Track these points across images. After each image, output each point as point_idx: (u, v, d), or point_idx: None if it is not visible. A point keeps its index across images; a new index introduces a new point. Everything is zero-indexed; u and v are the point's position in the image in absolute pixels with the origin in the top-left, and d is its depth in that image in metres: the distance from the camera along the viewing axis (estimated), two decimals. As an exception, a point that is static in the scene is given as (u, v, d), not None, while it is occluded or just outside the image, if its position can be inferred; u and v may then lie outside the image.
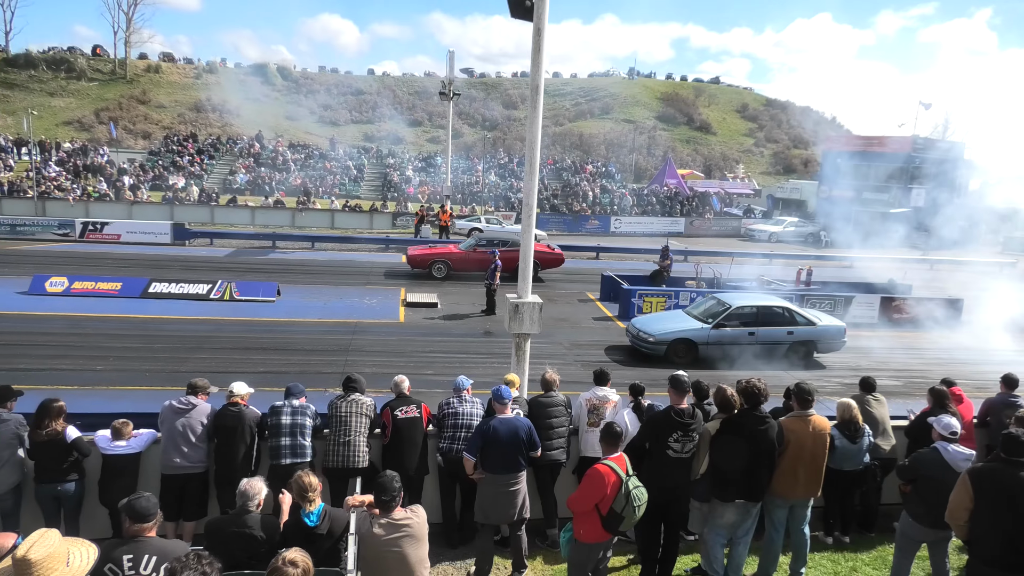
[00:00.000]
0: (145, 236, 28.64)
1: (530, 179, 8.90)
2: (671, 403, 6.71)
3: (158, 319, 17.04)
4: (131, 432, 6.88)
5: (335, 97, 78.91)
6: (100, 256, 25.02)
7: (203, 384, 7.22)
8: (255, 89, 76.84)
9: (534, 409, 7.61)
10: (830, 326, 16.22)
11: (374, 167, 50.95)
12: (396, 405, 7.43)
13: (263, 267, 24.63)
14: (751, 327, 15.57)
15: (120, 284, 19.30)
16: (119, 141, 54.24)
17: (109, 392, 12.07)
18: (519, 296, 9.04)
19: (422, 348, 15.66)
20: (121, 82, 71.13)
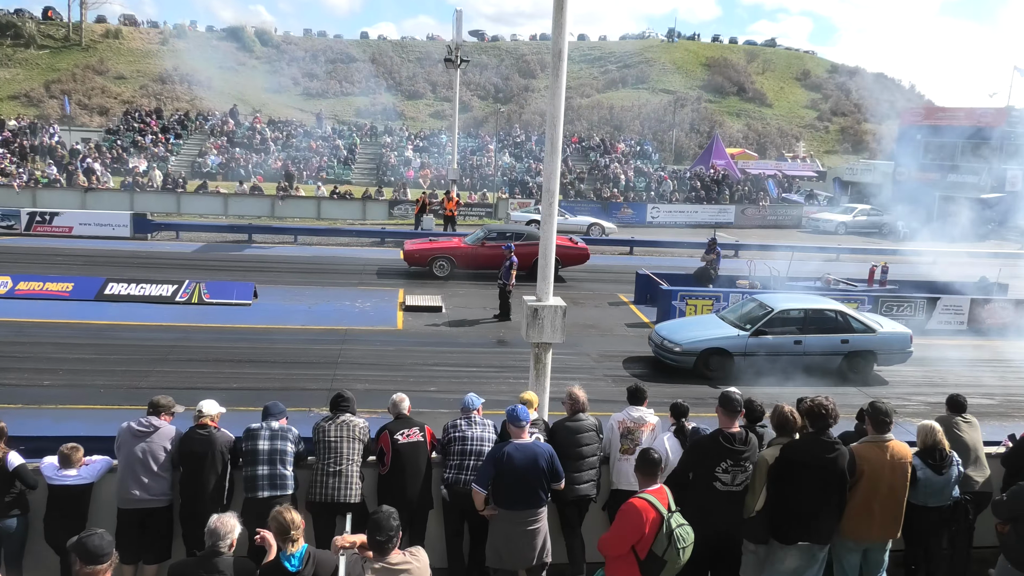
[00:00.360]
0: (101, 228, 28.88)
1: (551, 160, 8.84)
2: (720, 425, 6.64)
3: (115, 326, 17.13)
4: (82, 459, 6.89)
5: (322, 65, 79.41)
6: (49, 252, 25.25)
7: (167, 403, 7.23)
8: (229, 57, 77.48)
9: (558, 434, 7.56)
10: (893, 333, 16.04)
11: (367, 147, 51.14)
12: (396, 428, 7.41)
13: (238, 265, 24.75)
14: (797, 334, 15.45)
15: (71, 285, 19.44)
16: (72, 118, 54.83)
17: (58, 411, 12.15)
18: (539, 298, 8.99)
19: (424, 360, 15.65)
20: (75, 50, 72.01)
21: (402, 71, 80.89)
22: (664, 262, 27.77)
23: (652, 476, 5.98)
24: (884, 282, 22.21)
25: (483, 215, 38.07)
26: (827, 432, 6.39)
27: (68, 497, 6.78)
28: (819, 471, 6.31)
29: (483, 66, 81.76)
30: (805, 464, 6.33)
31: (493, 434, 7.47)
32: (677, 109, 72.19)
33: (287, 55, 79.93)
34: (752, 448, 6.58)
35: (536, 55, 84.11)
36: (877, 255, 28.58)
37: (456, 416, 7.61)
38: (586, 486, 7.54)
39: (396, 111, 73.37)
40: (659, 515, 5.72)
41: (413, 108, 76.04)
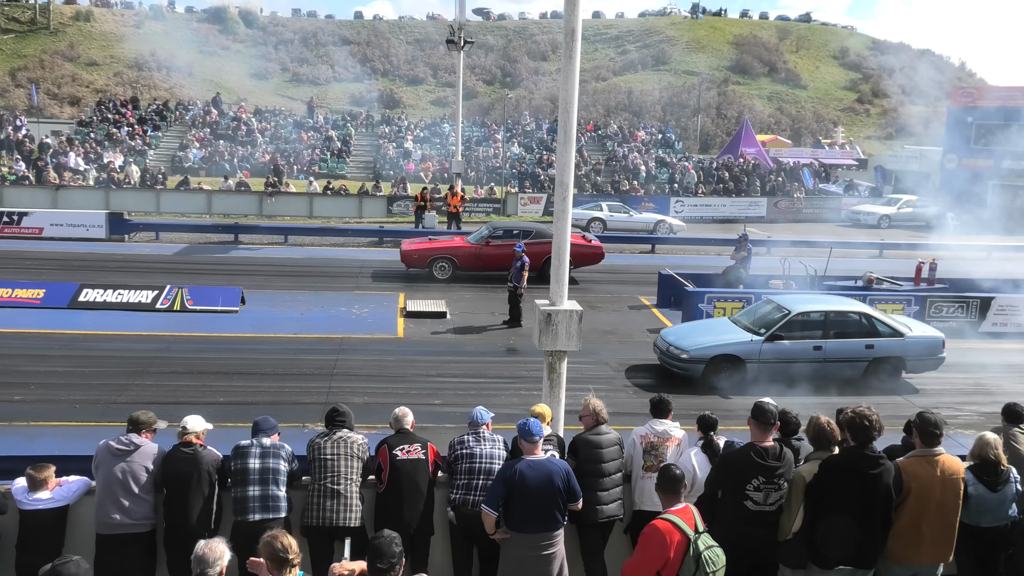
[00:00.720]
0: (74, 229, 29.07)
1: (565, 150, 8.88)
2: (752, 439, 6.65)
3: (91, 335, 17.27)
4: (53, 478, 6.94)
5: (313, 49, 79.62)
6: (17, 255, 25.43)
7: (148, 419, 7.27)
8: (211, 40, 77.85)
9: (580, 450, 7.57)
10: (923, 337, 16.03)
11: (363, 138, 51.28)
12: (396, 443, 7.45)
13: (223, 268, 24.90)
14: (818, 339, 15.45)
15: (43, 291, 19.59)
16: (40, 108, 55.20)
17: (30, 429, 12.27)
18: (552, 302, 9.03)
19: (427, 371, 15.72)
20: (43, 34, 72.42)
21: (400, 54, 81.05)
22: (690, 261, 27.76)
23: (675, 494, 5.98)
24: (933, 280, 22.14)
25: (490, 211, 38.15)
26: (870, 446, 6.39)
27: (41, 522, 6.81)
28: (862, 488, 6.31)
29: (488, 48, 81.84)
30: (846, 481, 6.33)
31: (504, 451, 7.50)
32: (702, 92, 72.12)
33: (274, 38, 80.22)
34: (787, 464, 6.58)
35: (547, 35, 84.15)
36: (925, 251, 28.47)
37: (463, 431, 7.64)
38: (612, 506, 7.55)
39: (394, 98, 73.53)
40: (685, 537, 5.74)
41: (413, 95, 76.20)
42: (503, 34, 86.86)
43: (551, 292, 9.07)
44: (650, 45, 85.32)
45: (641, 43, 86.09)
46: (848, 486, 6.33)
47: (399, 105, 70.75)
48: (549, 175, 42.26)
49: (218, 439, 7.57)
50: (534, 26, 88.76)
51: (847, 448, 6.50)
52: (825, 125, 73.99)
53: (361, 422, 7.96)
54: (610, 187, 43.43)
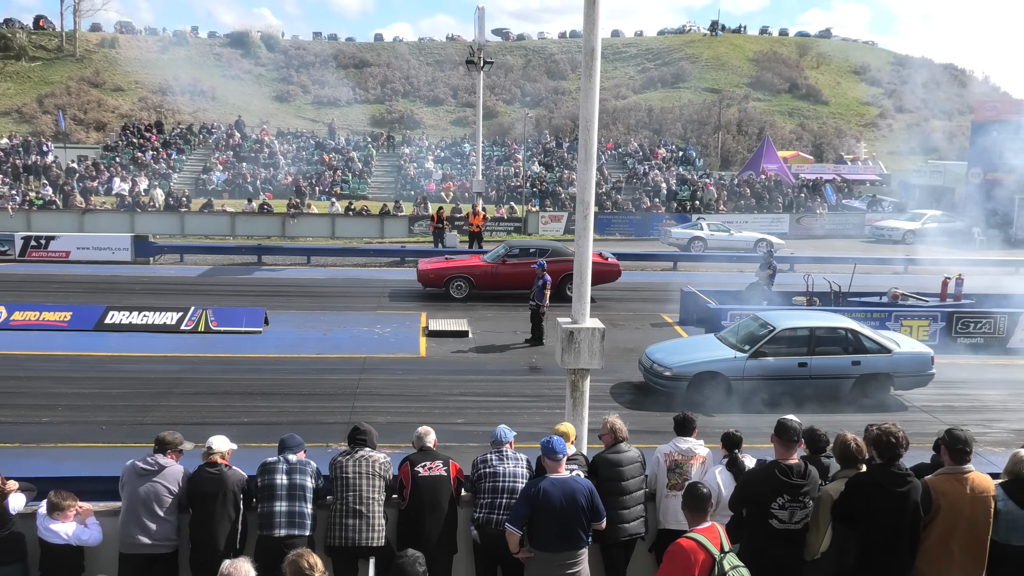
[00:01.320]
0: (100, 253, 29.42)
1: (586, 168, 8.91)
2: (776, 456, 6.61)
3: (116, 357, 17.43)
4: (74, 509, 6.87)
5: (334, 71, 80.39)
6: (45, 279, 25.79)
7: (174, 440, 7.31)
8: (234, 64, 78.83)
9: (600, 468, 7.57)
10: (911, 353, 15.86)
11: (384, 159, 51.65)
12: (418, 460, 7.46)
13: (246, 289, 25.08)
14: (803, 356, 15.29)
15: (70, 314, 19.81)
16: (67, 134, 56.05)
17: (57, 450, 12.37)
18: (574, 320, 9.03)
19: (450, 390, 15.73)
20: (69, 61, 73.67)
21: (420, 75, 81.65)
22: (712, 278, 27.64)
23: (701, 513, 5.94)
24: (959, 296, 21.92)
25: (511, 230, 38.23)
26: (897, 463, 6.33)
27: (58, 553, 6.83)
28: (889, 506, 6.24)
29: (508, 68, 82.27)
30: (873, 499, 6.27)
31: (527, 469, 7.49)
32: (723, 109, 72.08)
33: (296, 61, 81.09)
34: (812, 482, 6.53)
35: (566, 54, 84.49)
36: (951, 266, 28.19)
37: (486, 450, 7.65)
38: (634, 524, 7.53)
39: (415, 119, 74.03)
40: (710, 556, 5.69)
41: (433, 115, 76.67)
42: (522, 54, 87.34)
43: (573, 310, 9.07)
44: (670, 63, 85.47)
45: (660, 61, 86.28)
46: (875, 504, 6.26)
47: (419, 126, 71.21)
48: (570, 193, 42.33)
49: (242, 459, 7.61)
50: (553, 46, 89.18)
51: (874, 466, 6.44)
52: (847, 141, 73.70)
53: (384, 441, 7.98)
54: (630, 204, 43.43)
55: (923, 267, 30.28)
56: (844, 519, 6.40)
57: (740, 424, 8.01)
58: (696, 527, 5.87)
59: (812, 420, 7.44)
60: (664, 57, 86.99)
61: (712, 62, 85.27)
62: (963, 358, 18.78)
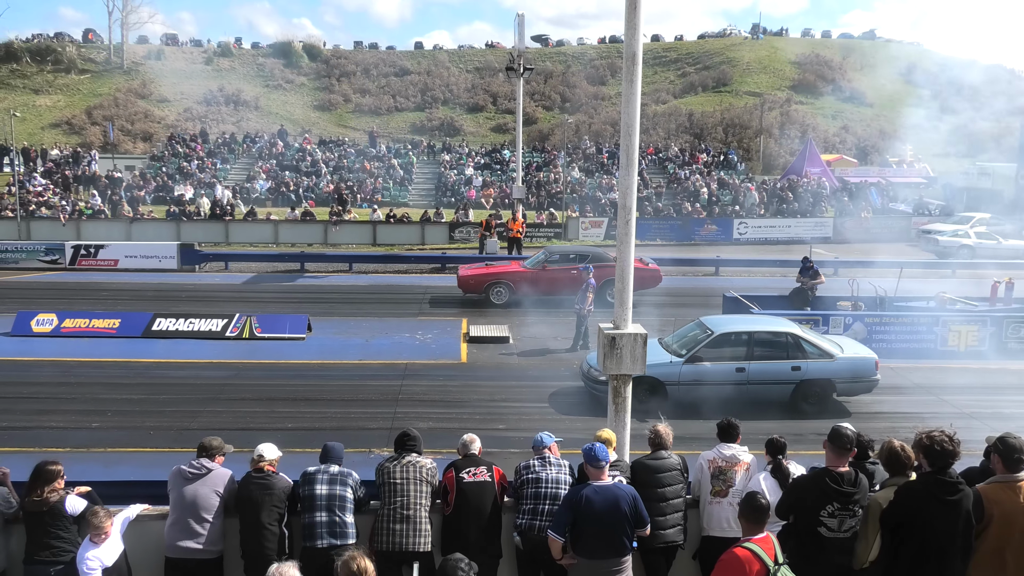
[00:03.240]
0: (147, 261, 29.94)
1: (627, 174, 8.89)
2: (827, 464, 6.54)
3: (164, 363, 17.73)
4: (110, 522, 6.90)
5: (375, 80, 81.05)
6: (94, 287, 26.30)
7: (217, 444, 7.44)
8: (276, 74, 79.78)
9: (639, 474, 7.54)
10: (854, 359, 15.48)
11: (425, 166, 51.91)
12: (462, 466, 7.50)
13: (290, 296, 25.36)
14: (741, 361, 14.99)
15: (118, 321, 20.17)
16: (116, 144, 57.14)
17: (107, 455, 12.59)
18: (616, 326, 9.00)
19: (491, 396, 15.77)
20: (117, 73, 75.13)
21: (460, 83, 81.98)
22: (755, 283, 27.40)
23: (758, 524, 5.90)
24: (1009, 300, 21.47)
25: (551, 236, 38.20)
26: (947, 471, 6.22)
27: None
28: (941, 515, 6.13)
29: (548, 74, 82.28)
30: (924, 508, 6.15)
31: (570, 475, 7.49)
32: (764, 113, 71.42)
33: (337, 70, 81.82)
34: (862, 489, 6.45)
35: (606, 59, 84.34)
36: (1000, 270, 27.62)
37: (529, 457, 7.65)
38: (672, 531, 7.48)
39: (455, 126, 74.35)
40: (764, 567, 5.63)
41: (473, 122, 76.91)
42: (562, 60, 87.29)
43: (615, 315, 9.04)
44: (710, 67, 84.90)
45: (701, 65, 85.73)
46: (926, 513, 6.15)
47: (459, 133, 71.49)
48: (610, 199, 42.20)
49: (286, 465, 7.69)
50: (592, 51, 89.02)
51: (924, 474, 6.31)
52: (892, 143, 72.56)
53: (426, 447, 8.01)
54: (671, 209, 43.18)
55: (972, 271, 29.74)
56: (894, 529, 6.30)
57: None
58: (752, 537, 5.83)
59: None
60: (705, 61, 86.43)
61: (753, 65, 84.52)
62: (1014, 363, 18.40)
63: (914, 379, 17.28)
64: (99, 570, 6.71)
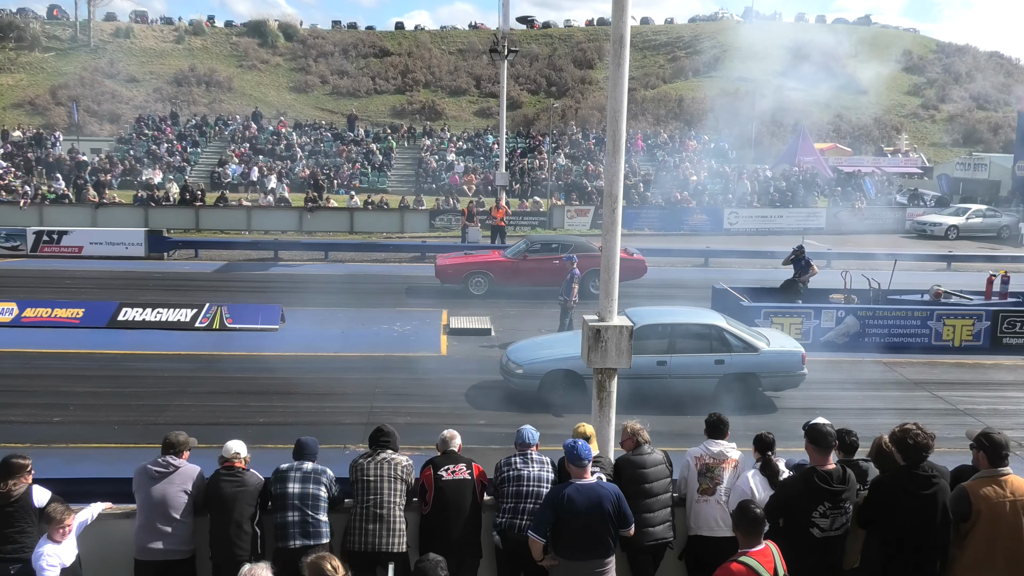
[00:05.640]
0: (113, 248, 29.68)
1: (613, 161, 8.87)
2: (811, 463, 6.57)
3: (130, 355, 17.57)
4: (71, 521, 6.77)
5: (353, 61, 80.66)
6: (57, 275, 26.05)
7: (183, 439, 7.36)
8: (251, 54, 79.24)
9: (624, 471, 7.55)
10: (780, 352, 15.51)
11: (405, 151, 51.76)
12: (441, 463, 7.47)
13: (263, 285, 25.23)
14: (662, 354, 14.98)
15: (82, 311, 19.99)
16: (81, 126, 56.59)
17: (69, 451, 12.47)
18: (601, 318, 8.99)
19: (472, 389, 15.76)
20: (83, 51, 74.36)
21: (442, 65, 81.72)
22: (745, 275, 27.48)
23: (754, 535, 5.82)
24: (1005, 294, 21.64)
25: (535, 224, 38.19)
26: (921, 465, 6.28)
27: None
28: (916, 509, 6.21)
29: (533, 56, 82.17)
30: (898, 503, 6.21)
31: (552, 473, 7.48)
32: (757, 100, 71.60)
33: (314, 50, 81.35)
34: (851, 486, 6.51)
35: (593, 43, 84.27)
36: (996, 263, 27.85)
37: (510, 453, 7.63)
38: (660, 528, 7.48)
39: (436, 110, 74.12)
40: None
41: (455, 106, 76.71)
42: (548, 42, 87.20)
43: (600, 307, 9.03)
44: (701, 51, 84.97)
45: (692, 49, 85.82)
46: (899, 508, 6.24)
47: (441, 117, 71.29)
48: (596, 186, 42.22)
49: (258, 462, 7.64)
50: (580, 34, 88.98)
51: (898, 468, 6.39)
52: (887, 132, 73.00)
53: (404, 443, 7.98)
54: (659, 198, 43.24)
55: (967, 264, 29.99)
56: (867, 524, 6.36)
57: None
58: (748, 550, 5.76)
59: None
60: (695, 45, 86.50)
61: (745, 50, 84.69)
62: (1010, 359, 18.57)
63: (907, 374, 17.41)
64: (58, 568, 6.59)
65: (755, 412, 14.44)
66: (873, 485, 6.47)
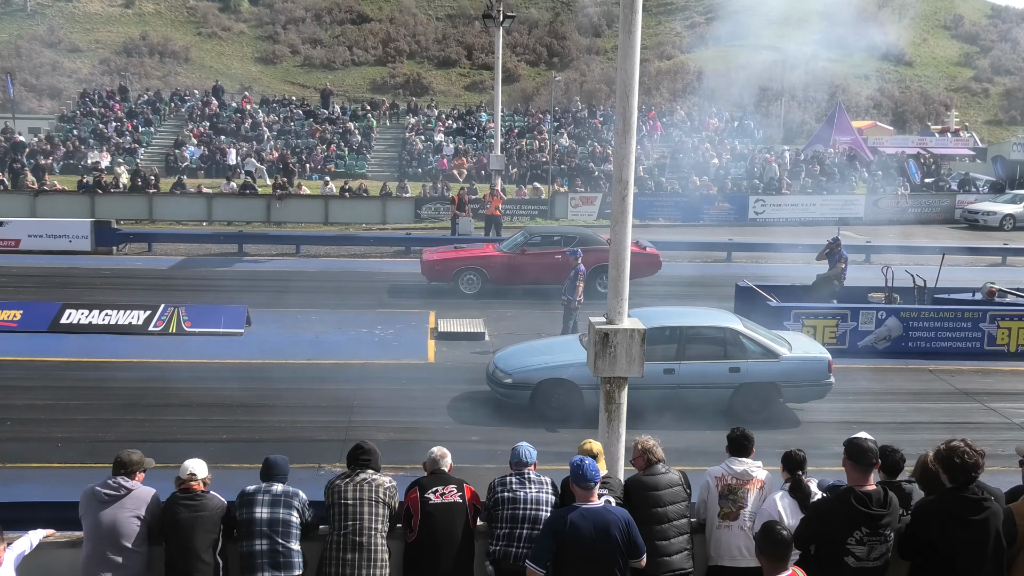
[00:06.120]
0: (55, 241, 29.63)
1: (624, 142, 8.88)
2: (849, 482, 6.58)
3: (74, 363, 17.56)
4: (2, 551, 6.68)
5: (327, 28, 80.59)
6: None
7: (137, 459, 7.33)
8: (211, 20, 79.15)
9: (635, 493, 7.55)
10: (803, 359, 15.45)
11: (387, 131, 51.79)
12: (428, 485, 7.47)
13: (225, 284, 25.23)
14: (670, 360, 14.89)
15: (20, 313, 19.96)
16: (17, 103, 56.49)
17: (5, 472, 12.45)
18: (609, 320, 9.02)
19: (463, 402, 15.77)
20: (19, 16, 74.27)
21: (429, 32, 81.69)
22: (773, 270, 27.49)
23: (781, 559, 5.87)
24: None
25: (535, 214, 38.21)
26: (970, 487, 6.29)
27: None
28: (966, 538, 6.21)
29: (532, 23, 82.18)
30: (945, 529, 6.22)
31: (552, 495, 7.49)
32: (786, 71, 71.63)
33: (283, 16, 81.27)
34: (893, 511, 6.49)
35: (600, 7, 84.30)
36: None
37: (505, 472, 7.65)
38: (678, 557, 7.48)
39: (422, 84, 74.12)
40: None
41: (444, 79, 76.71)
42: (549, 7, 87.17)
43: (608, 308, 9.05)
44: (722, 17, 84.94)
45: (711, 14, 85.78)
46: (947, 536, 6.23)
47: (428, 92, 71.28)
48: (604, 171, 42.25)
49: (221, 482, 7.65)
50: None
51: (944, 490, 6.40)
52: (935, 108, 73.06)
53: (387, 462, 8.00)
54: (676, 184, 43.27)
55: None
56: (910, 554, 6.38)
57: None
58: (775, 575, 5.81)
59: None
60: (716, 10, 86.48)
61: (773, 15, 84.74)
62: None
63: (956, 383, 17.45)
64: None
65: (776, 426, 14.43)
66: (917, 510, 6.46)
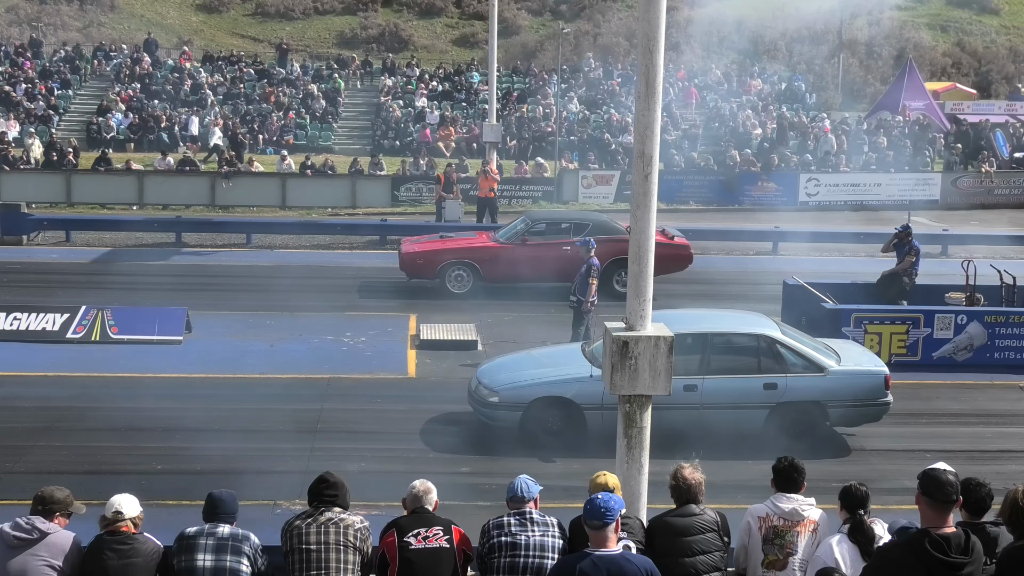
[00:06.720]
0: (-48, 229, 29.67)
1: (647, 108, 8.88)
2: (923, 523, 6.58)
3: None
4: None
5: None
6: None
7: (62, 498, 7.34)
8: (142, -41, 79.06)
9: (659, 538, 7.57)
10: (854, 372, 15.41)
11: (358, 95, 51.71)
12: (409, 527, 7.46)
13: (161, 281, 25.10)
14: (692, 375, 14.67)
15: (-90, 316, 19.96)
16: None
17: None
18: (629, 325, 9.02)
19: (449, 424, 15.81)
20: (-93, -46, 74.25)
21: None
22: (828, 265, 27.53)
23: None
24: None
25: (539, 196, 38.17)
26: None
27: None
28: None
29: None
30: None
31: (558, 539, 7.50)
32: (845, 24, 71.73)
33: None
34: (976, 559, 6.48)
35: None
36: None
37: (502, 511, 7.67)
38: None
39: (401, 37, 74.05)
40: None
41: (427, 32, 76.63)
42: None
43: (628, 310, 9.05)
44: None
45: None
46: None
47: (408, 47, 71.22)
48: (623, 143, 42.24)
49: (156, 523, 7.66)
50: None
51: None
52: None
53: (357, 498, 8.02)
54: (710, 160, 43.27)
55: None
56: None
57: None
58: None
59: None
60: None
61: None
62: None
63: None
64: None
65: (821, 455, 14.29)
66: (1004, 557, 6.45)
